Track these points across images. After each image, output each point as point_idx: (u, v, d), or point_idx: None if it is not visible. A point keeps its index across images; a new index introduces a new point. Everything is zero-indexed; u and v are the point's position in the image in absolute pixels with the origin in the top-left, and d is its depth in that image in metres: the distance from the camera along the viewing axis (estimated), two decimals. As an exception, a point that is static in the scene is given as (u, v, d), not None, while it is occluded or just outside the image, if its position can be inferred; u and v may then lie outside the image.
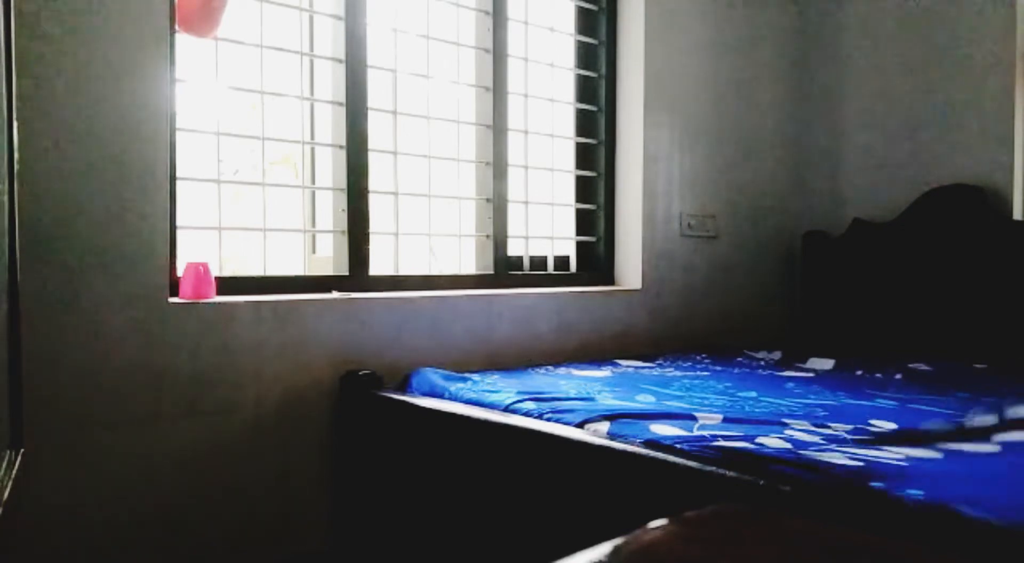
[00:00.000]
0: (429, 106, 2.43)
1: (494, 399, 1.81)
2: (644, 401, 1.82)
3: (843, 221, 3.10)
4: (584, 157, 2.85)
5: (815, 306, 3.13)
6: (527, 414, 1.69)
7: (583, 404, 1.74)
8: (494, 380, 2.02)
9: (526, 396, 1.79)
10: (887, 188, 3.03)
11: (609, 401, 1.79)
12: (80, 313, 1.70)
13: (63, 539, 1.68)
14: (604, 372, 2.24)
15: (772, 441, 1.41)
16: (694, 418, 1.61)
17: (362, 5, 2.24)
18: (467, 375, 2.07)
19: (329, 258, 2.32)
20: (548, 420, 1.64)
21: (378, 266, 2.32)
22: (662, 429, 1.51)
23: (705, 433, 1.47)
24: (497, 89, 2.54)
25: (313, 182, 2.62)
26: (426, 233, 2.46)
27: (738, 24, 3.07)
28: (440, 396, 1.92)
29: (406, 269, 2.41)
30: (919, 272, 2.85)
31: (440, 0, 2.46)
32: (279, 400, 1.97)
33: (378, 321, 2.13)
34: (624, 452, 1.40)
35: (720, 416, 1.63)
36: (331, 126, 2.28)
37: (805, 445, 1.38)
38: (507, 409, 1.75)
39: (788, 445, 1.38)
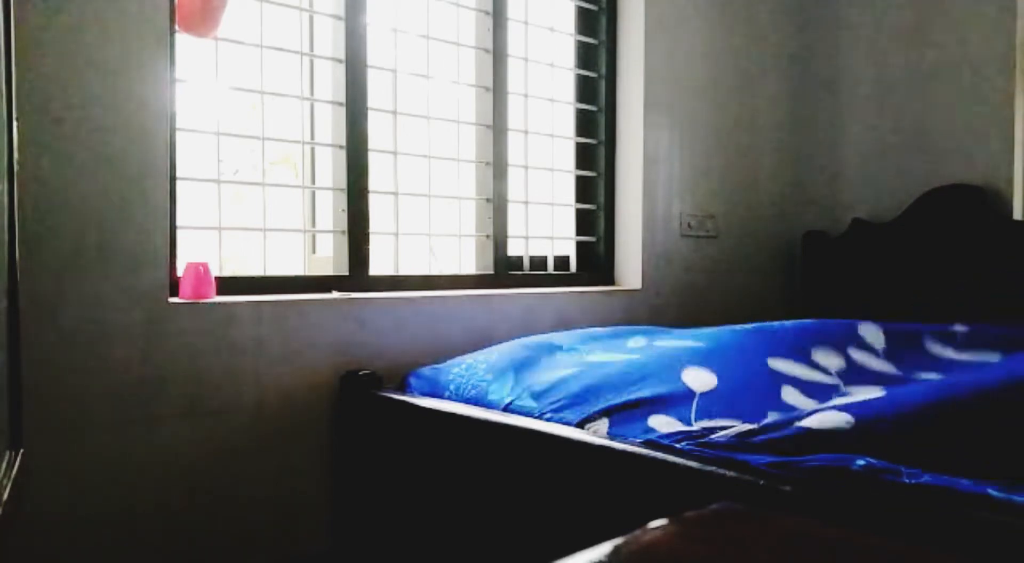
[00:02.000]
0: (429, 106, 2.43)
1: (492, 398, 1.81)
2: (635, 346, 1.83)
3: (843, 221, 3.09)
4: (584, 157, 2.84)
5: (815, 306, 3.13)
6: (528, 414, 1.69)
7: (573, 372, 1.75)
8: (485, 363, 1.98)
9: (523, 389, 1.78)
10: (887, 188, 3.03)
11: (598, 355, 1.79)
12: (80, 313, 1.70)
13: (63, 539, 1.68)
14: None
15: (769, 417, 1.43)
16: (691, 394, 1.60)
17: (362, 5, 2.24)
18: (458, 360, 2.05)
19: (329, 258, 2.32)
20: (548, 419, 1.64)
21: (378, 266, 2.32)
22: (660, 423, 1.51)
23: (704, 425, 1.47)
24: (497, 89, 2.54)
25: (313, 182, 2.62)
26: (426, 233, 2.46)
27: (738, 23, 3.07)
28: (440, 394, 1.92)
29: (406, 269, 2.40)
30: (919, 272, 2.85)
31: (440, 0, 2.46)
32: (279, 400, 1.97)
33: (378, 321, 2.13)
34: (624, 452, 1.40)
35: (714, 378, 1.62)
36: (331, 126, 2.27)
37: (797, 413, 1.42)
38: (507, 408, 1.75)
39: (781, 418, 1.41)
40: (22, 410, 1.45)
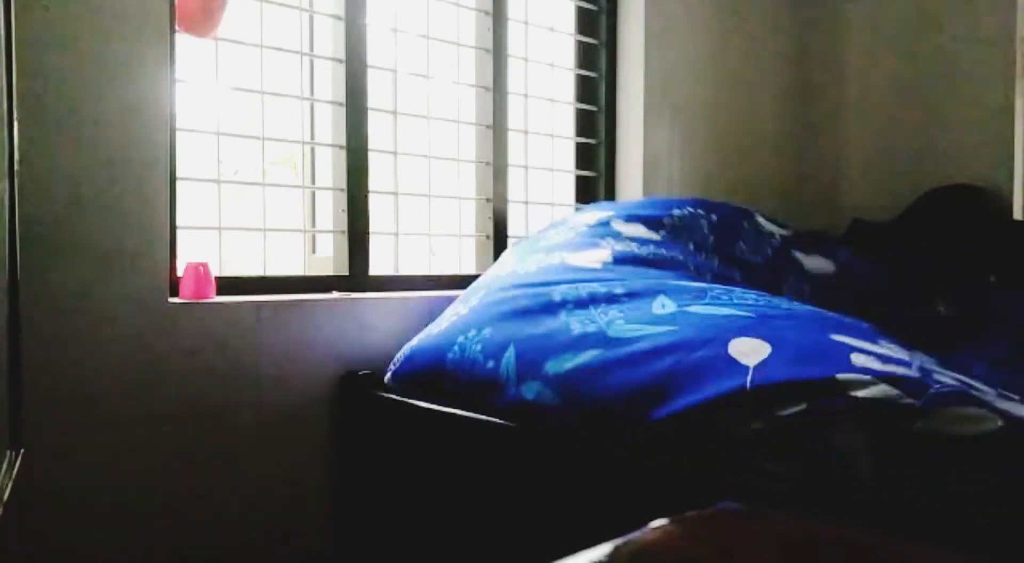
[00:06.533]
0: (429, 106, 2.43)
1: (502, 395, 1.65)
2: (663, 312, 1.58)
3: (843, 221, 3.09)
4: (584, 157, 2.84)
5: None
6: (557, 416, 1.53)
7: (596, 356, 1.50)
8: (479, 341, 1.76)
9: (537, 380, 1.57)
10: (887, 188, 3.03)
11: (619, 326, 1.55)
12: (80, 313, 1.70)
13: (63, 539, 1.68)
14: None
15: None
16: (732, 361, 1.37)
17: (362, 5, 2.24)
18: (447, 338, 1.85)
19: (329, 258, 2.32)
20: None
21: (378, 266, 2.32)
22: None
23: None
24: (497, 89, 2.54)
25: (313, 182, 2.62)
26: (426, 233, 2.46)
27: (738, 23, 3.07)
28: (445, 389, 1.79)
29: (406, 269, 2.40)
30: (919, 272, 2.85)
31: (440, 0, 2.46)
32: (279, 400, 1.97)
33: (378, 321, 2.13)
34: (624, 452, 1.40)
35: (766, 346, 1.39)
36: (331, 126, 2.27)
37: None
38: (521, 406, 1.59)
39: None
40: (22, 409, 1.46)
